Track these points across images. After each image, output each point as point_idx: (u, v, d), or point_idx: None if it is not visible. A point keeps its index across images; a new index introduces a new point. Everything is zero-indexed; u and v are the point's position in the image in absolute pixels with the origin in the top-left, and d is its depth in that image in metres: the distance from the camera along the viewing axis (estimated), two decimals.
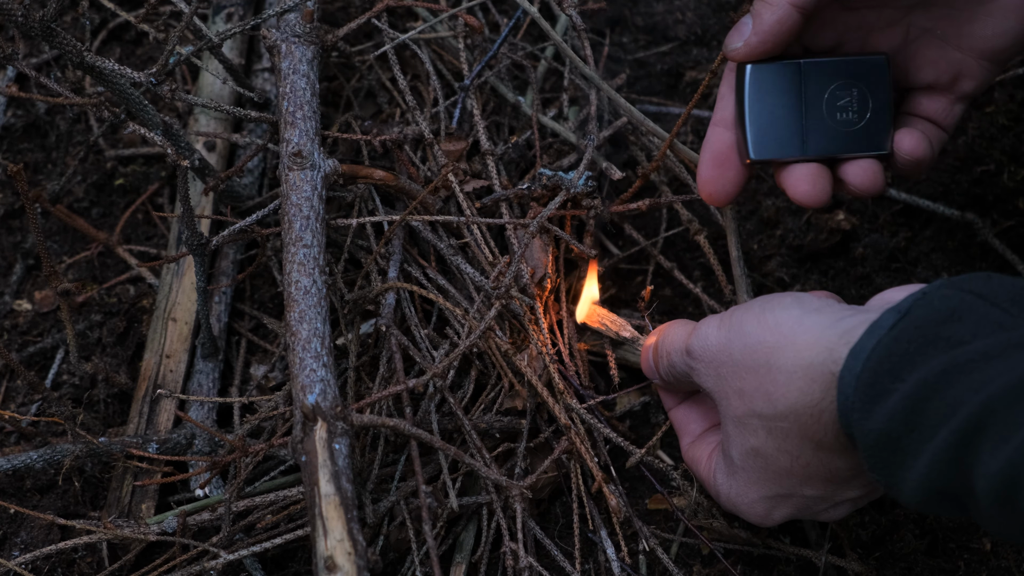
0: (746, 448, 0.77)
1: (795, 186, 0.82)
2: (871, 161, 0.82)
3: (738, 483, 0.80)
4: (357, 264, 1.04)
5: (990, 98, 1.12)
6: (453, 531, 0.92)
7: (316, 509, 0.73)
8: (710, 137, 0.85)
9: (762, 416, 0.75)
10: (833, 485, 0.76)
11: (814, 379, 0.71)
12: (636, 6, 1.22)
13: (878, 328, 0.67)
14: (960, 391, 0.62)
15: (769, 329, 0.75)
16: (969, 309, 0.65)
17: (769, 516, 0.80)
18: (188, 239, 0.89)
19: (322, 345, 0.81)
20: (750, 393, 0.75)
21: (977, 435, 0.60)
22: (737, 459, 0.78)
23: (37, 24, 0.79)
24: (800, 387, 0.72)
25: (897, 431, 0.65)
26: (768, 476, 0.77)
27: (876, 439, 0.66)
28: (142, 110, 0.89)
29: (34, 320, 1.08)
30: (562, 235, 0.95)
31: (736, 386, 0.76)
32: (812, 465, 0.75)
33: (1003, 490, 0.59)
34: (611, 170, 0.98)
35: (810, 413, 0.71)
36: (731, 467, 0.80)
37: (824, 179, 0.82)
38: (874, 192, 0.82)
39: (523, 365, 0.90)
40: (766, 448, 0.76)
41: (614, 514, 0.87)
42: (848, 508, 0.79)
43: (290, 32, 0.94)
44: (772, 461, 0.76)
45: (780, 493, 0.78)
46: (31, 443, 0.98)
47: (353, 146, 1.07)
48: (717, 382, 0.78)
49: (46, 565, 0.92)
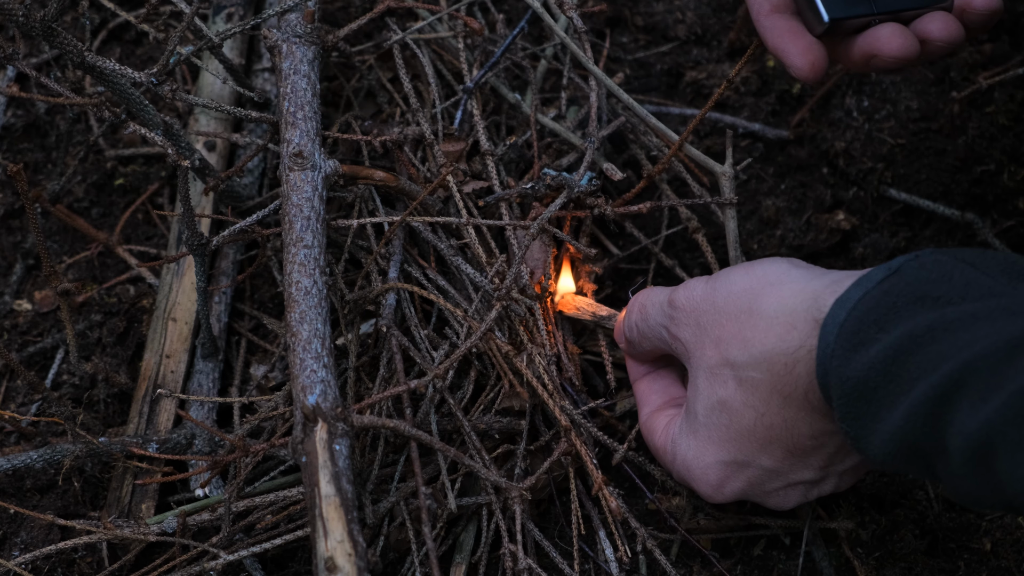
0: (713, 401, 0.77)
1: (888, 43, 0.79)
2: (943, 12, 0.81)
3: (697, 443, 0.79)
4: (357, 264, 1.04)
5: (990, 98, 1.12)
6: (453, 532, 0.92)
7: (316, 510, 0.73)
8: (772, 25, 0.82)
9: (735, 364, 0.75)
10: (792, 458, 0.76)
11: (795, 325, 0.71)
12: (636, 6, 1.22)
13: (867, 281, 0.68)
14: (944, 347, 0.62)
15: (756, 277, 0.76)
16: (961, 274, 0.66)
17: (721, 487, 0.79)
18: (188, 239, 0.89)
19: (322, 346, 0.81)
20: (727, 340, 0.76)
21: (957, 392, 0.61)
22: (701, 414, 0.78)
23: (37, 24, 0.79)
24: (779, 333, 0.72)
25: (875, 380, 0.65)
26: (729, 435, 0.77)
27: (853, 387, 0.66)
28: (142, 110, 0.89)
29: (34, 320, 1.08)
30: (561, 235, 0.95)
31: (714, 334, 0.77)
32: (775, 426, 0.74)
33: (979, 449, 0.59)
34: (611, 170, 0.98)
35: (784, 363, 0.72)
36: (693, 425, 0.80)
37: (911, 35, 0.80)
38: (959, 42, 0.80)
39: (522, 366, 0.90)
40: (733, 401, 0.76)
41: (614, 515, 0.87)
42: (799, 496, 0.79)
43: (291, 32, 0.94)
44: (737, 417, 0.76)
45: (738, 459, 0.77)
46: (31, 443, 0.98)
47: (353, 146, 1.07)
48: (695, 332, 0.78)
49: (46, 565, 0.92)
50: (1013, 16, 1.16)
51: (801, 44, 0.81)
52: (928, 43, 0.80)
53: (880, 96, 1.14)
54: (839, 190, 1.10)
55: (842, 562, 0.91)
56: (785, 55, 0.81)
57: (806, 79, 0.81)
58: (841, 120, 1.13)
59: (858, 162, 1.10)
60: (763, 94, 1.16)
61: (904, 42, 0.79)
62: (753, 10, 0.83)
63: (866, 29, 0.81)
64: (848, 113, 1.13)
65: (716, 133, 1.14)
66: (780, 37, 0.82)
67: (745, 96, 1.16)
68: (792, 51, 0.81)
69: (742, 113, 1.15)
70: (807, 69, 0.81)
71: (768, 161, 1.13)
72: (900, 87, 1.14)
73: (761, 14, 0.83)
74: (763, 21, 0.83)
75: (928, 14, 0.81)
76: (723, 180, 0.95)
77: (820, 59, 0.81)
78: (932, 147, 1.10)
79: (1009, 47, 1.15)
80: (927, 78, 1.14)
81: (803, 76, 0.81)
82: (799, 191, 1.11)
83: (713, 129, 1.15)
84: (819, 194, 1.10)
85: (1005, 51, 1.14)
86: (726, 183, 0.95)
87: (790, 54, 0.81)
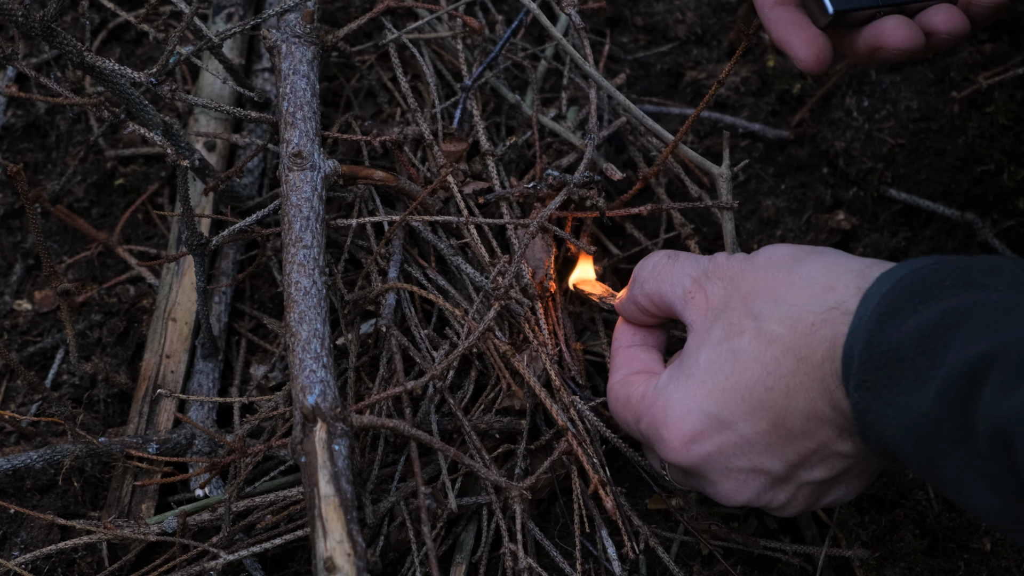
0: (722, 348, 0.74)
1: (893, 35, 0.79)
2: (949, 5, 0.80)
3: (688, 386, 0.75)
4: (357, 264, 1.04)
5: (990, 98, 1.12)
6: (453, 532, 0.92)
7: (316, 510, 0.73)
8: (777, 17, 0.82)
9: (758, 316, 0.73)
10: (772, 435, 0.72)
11: (834, 287, 0.70)
12: (636, 6, 1.22)
13: (915, 263, 0.67)
14: (984, 324, 0.61)
15: (800, 248, 0.75)
16: (1011, 269, 0.65)
17: (690, 443, 0.74)
18: (188, 239, 0.89)
19: (322, 346, 0.81)
20: (756, 294, 0.74)
21: (989, 370, 0.59)
22: (703, 360, 0.75)
23: (37, 24, 0.79)
24: (815, 292, 0.71)
25: (907, 350, 0.63)
26: (725, 386, 0.73)
27: (881, 354, 0.64)
28: (142, 110, 0.89)
29: (34, 320, 1.08)
30: (561, 234, 0.96)
31: (745, 289, 0.75)
32: (775, 390, 0.71)
33: (1002, 438, 0.57)
34: (611, 170, 0.98)
35: (811, 321, 0.70)
36: (688, 370, 0.76)
37: (916, 27, 0.80)
38: (964, 35, 0.80)
39: (521, 366, 0.90)
40: (744, 351, 0.73)
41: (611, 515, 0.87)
42: (755, 489, 0.75)
43: (290, 32, 0.94)
44: (740, 368, 0.73)
45: (722, 416, 0.73)
46: (31, 443, 0.98)
47: (353, 146, 1.07)
48: (725, 287, 0.76)
49: (46, 565, 0.92)
50: (1013, 16, 1.16)
51: (806, 36, 0.81)
52: (933, 35, 0.80)
53: (880, 96, 1.14)
54: (839, 190, 1.10)
55: (842, 562, 0.91)
56: (790, 47, 0.81)
57: (810, 71, 0.81)
58: (841, 120, 1.13)
59: (858, 162, 1.10)
60: (763, 94, 1.16)
61: (909, 34, 0.79)
62: (758, 2, 0.83)
63: (871, 21, 0.81)
64: (848, 113, 1.13)
65: (716, 133, 1.14)
66: (785, 29, 0.81)
67: (745, 96, 1.16)
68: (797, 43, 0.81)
69: (742, 113, 1.15)
70: (812, 61, 0.80)
71: (768, 161, 1.13)
72: (900, 87, 1.14)
73: (766, 6, 0.83)
74: (768, 13, 0.83)
75: (933, 6, 0.81)
76: (720, 181, 0.95)
77: (825, 51, 0.81)
78: (932, 147, 1.10)
79: (1009, 47, 1.15)
80: (927, 78, 1.14)
81: (808, 68, 0.81)
82: (799, 191, 1.11)
83: (713, 129, 1.15)
84: (819, 194, 1.10)
85: (1005, 51, 1.14)
86: (723, 184, 0.95)
87: (795, 46, 0.81)
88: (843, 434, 0.71)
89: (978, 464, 0.60)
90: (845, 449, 0.72)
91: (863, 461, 0.73)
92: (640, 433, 0.79)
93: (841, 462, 0.73)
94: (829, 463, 0.73)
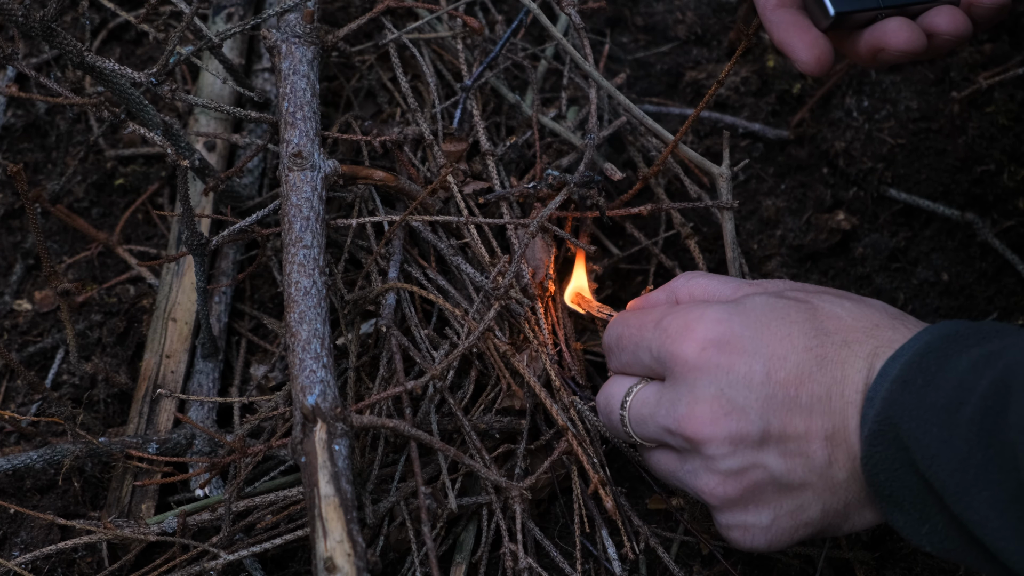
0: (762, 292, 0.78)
1: (895, 36, 0.79)
2: (951, 6, 0.80)
3: (682, 315, 0.76)
4: (357, 264, 1.04)
5: (990, 98, 1.12)
6: (453, 532, 0.92)
7: (316, 510, 0.73)
8: (778, 20, 0.82)
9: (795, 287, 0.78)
10: (763, 386, 0.71)
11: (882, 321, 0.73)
12: (636, 6, 1.22)
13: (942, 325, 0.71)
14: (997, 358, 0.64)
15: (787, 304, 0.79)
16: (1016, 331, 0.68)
17: (705, 346, 0.73)
18: (188, 239, 0.89)
19: (322, 346, 0.81)
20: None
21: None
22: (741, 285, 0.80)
23: (37, 24, 0.79)
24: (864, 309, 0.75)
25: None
26: (749, 321, 0.74)
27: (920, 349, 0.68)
28: (142, 110, 0.89)
29: (34, 320, 1.08)
30: (561, 233, 0.96)
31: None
32: (776, 358, 0.72)
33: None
34: (611, 170, 0.98)
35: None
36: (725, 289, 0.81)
37: (919, 28, 0.80)
38: (966, 36, 0.80)
39: (521, 366, 0.90)
40: (761, 308, 0.75)
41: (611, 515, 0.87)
42: (725, 428, 0.72)
43: (290, 32, 0.94)
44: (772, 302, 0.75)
45: (743, 338, 0.73)
46: (31, 443, 0.98)
47: (353, 146, 1.07)
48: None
49: (46, 565, 0.92)
50: (1013, 16, 1.16)
51: (807, 38, 0.81)
52: (935, 37, 0.80)
53: (880, 96, 1.14)
54: (839, 190, 1.10)
55: (842, 563, 0.91)
56: (791, 49, 0.81)
57: (812, 73, 0.81)
58: (841, 120, 1.13)
59: (858, 162, 1.10)
60: (763, 94, 1.16)
61: (911, 35, 0.79)
62: (759, 4, 0.83)
63: (873, 23, 0.80)
64: (848, 113, 1.13)
65: (716, 133, 1.14)
66: (786, 31, 0.81)
67: (745, 96, 1.16)
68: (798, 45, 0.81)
69: (742, 113, 1.15)
70: (813, 63, 0.80)
71: (768, 161, 1.13)
72: (900, 87, 1.14)
73: (767, 8, 0.83)
74: (769, 15, 0.83)
75: (935, 8, 0.80)
76: (720, 181, 0.95)
77: (826, 53, 0.81)
78: (932, 147, 1.10)
79: (1009, 47, 1.15)
80: (927, 78, 1.14)
81: (809, 70, 0.81)
82: (799, 191, 1.11)
83: (713, 129, 1.15)
84: (819, 194, 1.10)
85: (1005, 51, 1.14)
86: (723, 184, 0.95)
87: (796, 48, 0.81)
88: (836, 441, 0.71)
89: None
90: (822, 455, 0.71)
91: (832, 490, 0.73)
92: (651, 335, 0.77)
93: (809, 472, 0.72)
94: (799, 460, 0.72)
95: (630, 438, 0.80)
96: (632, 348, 0.79)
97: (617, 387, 0.81)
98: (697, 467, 0.74)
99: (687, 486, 0.76)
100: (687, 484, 0.76)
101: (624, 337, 0.80)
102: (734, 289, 0.81)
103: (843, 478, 0.71)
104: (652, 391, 0.77)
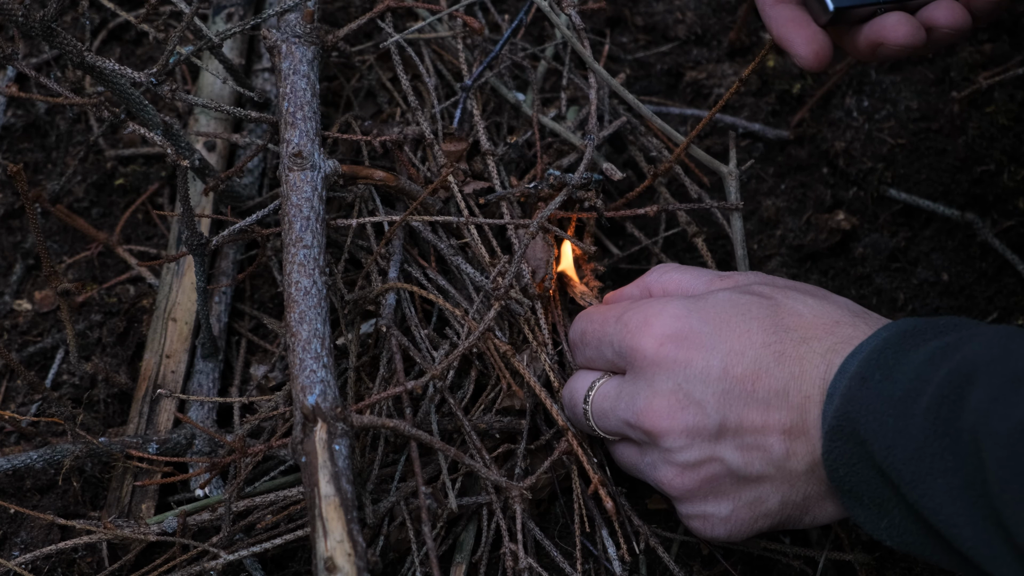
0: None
1: (894, 31, 0.79)
2: (950, 1, 0.80)
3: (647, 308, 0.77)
4: (357, 264, 1.04)
5: (990, 98, 1.12)
6: (453, 531, 0.92)
7: (316, 510, 0.73)
8: (777, 15, 0.83)
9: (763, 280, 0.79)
10: (732, 380, 0.73)
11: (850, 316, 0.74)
12: (636, 6, 1.22)
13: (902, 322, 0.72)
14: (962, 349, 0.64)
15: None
16: (975, 325, 0.69)
17: (664, 341, 0.75)
18: (188, 239, 0.89)
19: (322, 346, 0.81)
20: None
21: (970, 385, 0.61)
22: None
23: (37, 24, 0.79)
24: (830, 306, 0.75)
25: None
26: (714, 310, 0.76)
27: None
28: (142, 110, 0.89)
29: (34, 320, 1.08)
30: (561, 234, 0.96)
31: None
32: (734, 354, 0.73)
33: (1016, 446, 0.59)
34: (611, 170, 0.98)
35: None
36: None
37: (918, 23, 0.80)
38: (966, 30, 0.80)
39: (521, 366, 0.90)
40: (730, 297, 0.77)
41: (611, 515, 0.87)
42: (683, 420, 0.74)
43: (290, 32, 0.94)
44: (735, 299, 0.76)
45: (702, 332, 0.75)
46: (31, 443, 0.98)
47: (353, 146, 1.07)
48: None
49: (46, 565, 0.92)
50: (1013, 16, 1.16)
51: (806, 33, 0.81)
52: (934, 31, 0.80)
53: (880, 96, 1.14)
54: (839, 190, 1.10)
55: (843, 564, 0.91)
56: (790, 45, 0.81)
57: (811, 69, 0.81)
58: (841, 120, 1.13)
59: (858, 162, 1.10)
60: (763, 94, 1.16)
61: (910, 30, 0.79)
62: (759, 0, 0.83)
63: (872, 18, 0.81)
64: (848, 113, 1.13)
65: (716, 133, 1.14)
66: (785, 26, 0.81)
67: (745, 96, 1.16)
68: (797, 40, 0.81)
69: (742, 113, 1.15)
70: (812, 59, 0.80)
71: (768, 161, 1.13)
72: (900, 87, 1.14)
73: (767, 4, 0.83)
74: (768, 11, 0.83)
75: (934, 2, 0.81)
76: (728, 180, 0.95)
77: (825, 49, 0.81)
78: (932, 147, 1.10)
79: (1009, 47, 1.15)
80: (927, 78, 1.14)
81: (808, 66, 0.81)
82: (799, 191, 1.11)
83: (713, 129, 1.15)
84: (819, 194, 1.10)
85: (1005, 51, 1.14)
86: (731, 183, 0.95)
87: (795, 44, 0.81)
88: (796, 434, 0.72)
89: None
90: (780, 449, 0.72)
91: (791, 482, 0.74)
92: (613, 329, 0.79)
93: (767, 464, 0.73)
94: (757, 453, 0.73)
95: (593, 432, 0.83)
96: (595, 343, 0.81)
97: (581, 381, 0.83)
98: (656, 459, 0.76)
99: (648, 478, 0.78)
100: (647, 476, 0.78)
101: (588, 332, 0.83)
102: (706, 283, 0.83)
103: (802, 471, 0.72)
104: (613, 385, 0.80)
